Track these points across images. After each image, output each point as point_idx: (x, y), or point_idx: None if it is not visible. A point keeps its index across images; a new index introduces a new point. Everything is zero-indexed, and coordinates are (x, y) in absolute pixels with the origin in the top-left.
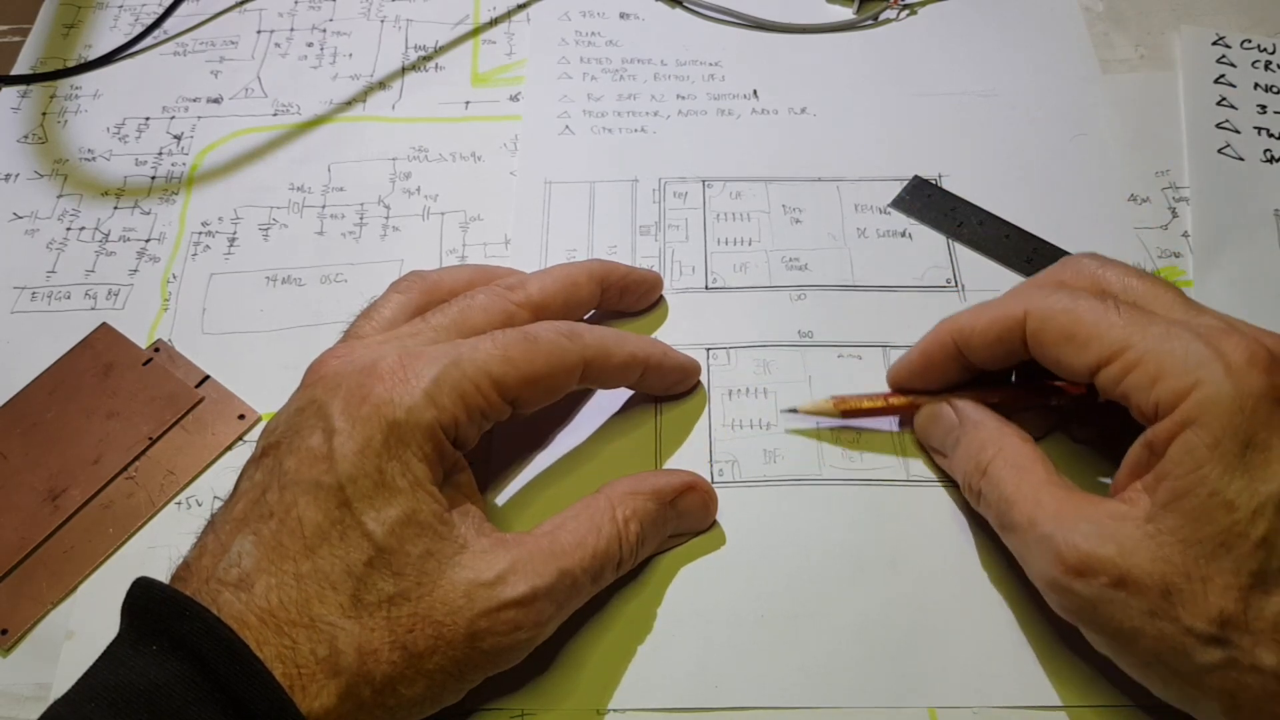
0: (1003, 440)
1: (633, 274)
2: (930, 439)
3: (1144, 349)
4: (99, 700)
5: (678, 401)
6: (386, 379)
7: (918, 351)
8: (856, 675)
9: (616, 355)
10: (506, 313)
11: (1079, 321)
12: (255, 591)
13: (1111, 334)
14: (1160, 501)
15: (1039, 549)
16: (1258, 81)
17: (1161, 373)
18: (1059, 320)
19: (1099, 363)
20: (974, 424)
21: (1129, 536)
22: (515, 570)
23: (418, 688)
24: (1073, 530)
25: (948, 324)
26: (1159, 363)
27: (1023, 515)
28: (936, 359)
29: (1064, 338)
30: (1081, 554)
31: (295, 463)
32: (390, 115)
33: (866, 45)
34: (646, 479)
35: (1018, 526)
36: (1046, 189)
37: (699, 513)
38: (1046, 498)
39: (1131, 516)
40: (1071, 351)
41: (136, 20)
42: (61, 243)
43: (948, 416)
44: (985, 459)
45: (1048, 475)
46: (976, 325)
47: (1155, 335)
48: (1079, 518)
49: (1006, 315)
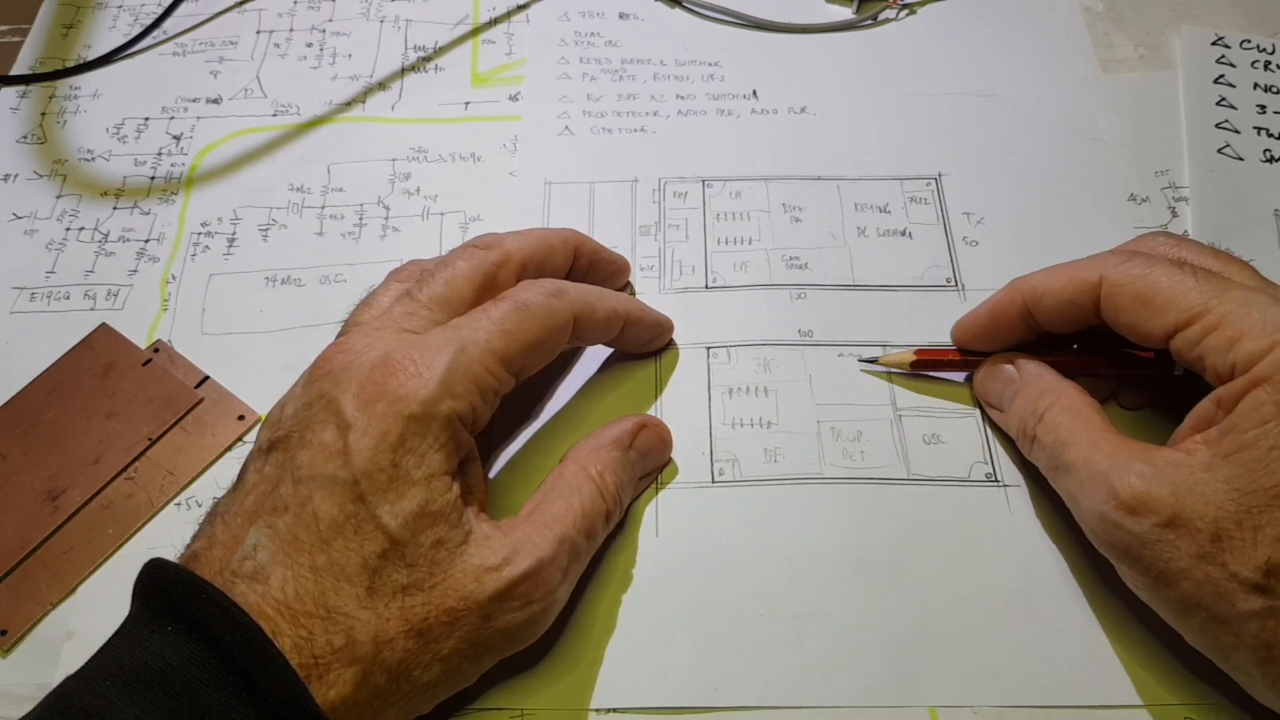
0: (1061, 389)
1: (603, 251)
2: (988, 393)
3: (1223, 312)
4: (114, 679)
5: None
6: (399, 373)
7: (986, 309)
8: (856, 675)
9: (600, 309)
10: (488, 275)
11: (1155, 286)
12: (271, 584)
13: (1189, 298)
14: (1222, 452)
15: (1092, 485)
16: (1257, 81)
17: (1240, 335)
18: (1135, 285)
19: (1176, 326)
20: (1033, 376)
21: (1184, 480)
22: (518, 550)
23: (433, 672)
24: (1128, 469)
25: (1020, 284)
26: (1237, 326)
27: (1078, 455)
28: (1004, 318)
29: (1140, 302)
30: (1136, 491)
31: (309, 457)
32: (390, 116)
33: (866, 45)
34: (602, 433)
35: (1072, 465)
36: (1046, 189)
37: (658, 447)
38: (1103, 440)
39: (1188, 463)
40: (1147, 315)
41: (136, 20)
42: (61, 243)
43: (1008, 371)
44: (1043, 405)
45: (1103, 422)
46: (1051, 286)
47: (1234, 299)
48: (1135, 458)
49: (1081, 279)
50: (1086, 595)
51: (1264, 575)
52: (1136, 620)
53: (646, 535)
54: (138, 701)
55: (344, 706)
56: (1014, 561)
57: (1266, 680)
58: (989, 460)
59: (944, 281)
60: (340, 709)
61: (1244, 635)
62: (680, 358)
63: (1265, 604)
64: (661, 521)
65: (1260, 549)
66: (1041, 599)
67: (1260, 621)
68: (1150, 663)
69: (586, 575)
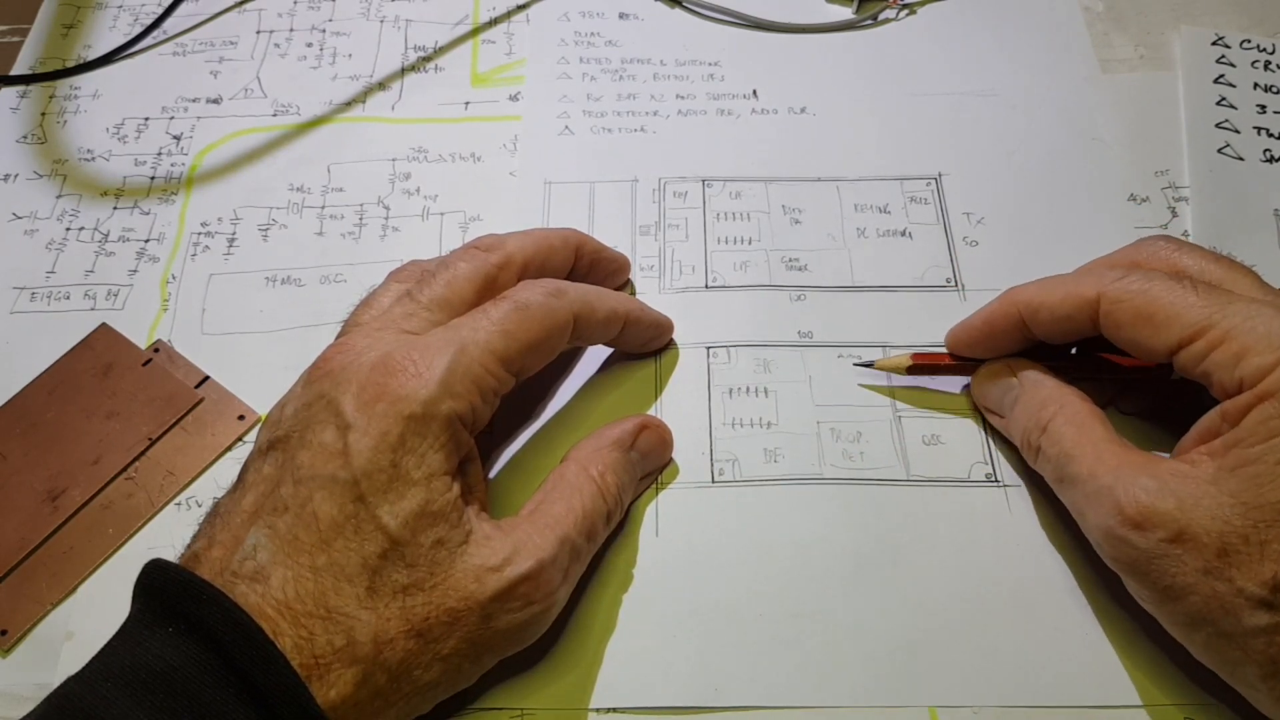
0: (1063, 398)
1: (604, 250)
2: (987, 399)
3: (1228, 327)
4: (115, 680)
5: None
6: (399, 374)
7: (981, 319)
8: (856, 675)
9: (600, 309)
10: (489, 276)
11: (1156, 302)
12: (271, 584)
13: (1191, 313)
14: (1228, 466)
15: (1098, 499)
16: (1257, 81)
17: (1246, 349)
18: (1135, 301)
19: (1180, 342)
20: (1034, 383)
21: (1190, 494)
22: (519, 551)
23: (433, 672)
24: (1133, 483)
25: (1016, 296)
26: (1243, 340)
27: (1083, 468)
28: (999, 328)
29: (1141, 318)
30: (1142, 506)
31: (309, 457)
32: (390, 116)
33: (866, 45)
34: (603, 433)
35: (1078, 479)
36: (1046, 189)
37: (659, 448)
38: (1108, 453)
39: (1194, 476)
40: (1149, 332)
41: (136, 20)
42: (61, 243)
43: (1006, 376)
44: (1046, 416)
45: (1108, 433)
46: (1047, 301)
47: (1238, 313)
48: (1140, 473)
49: (1078, 295)
50: (1086, 595)
51: (1271, 591)
52: (1136, 621)
53: (646, 535)
54: (138, 702)
55: (344, 706)
56: (1014, 562)
57: (1273, 695)
58: (989, 461)
59: (944, 282)
60: (341, 709)
61: (1251, 651)
62: (680, 358)
63: (1272, 620)
64: (661, 521)
65: (1267, 564)
66: (1041, 599)
67: (1267, 637)
68: (1150, 663)
69: (586, 575)
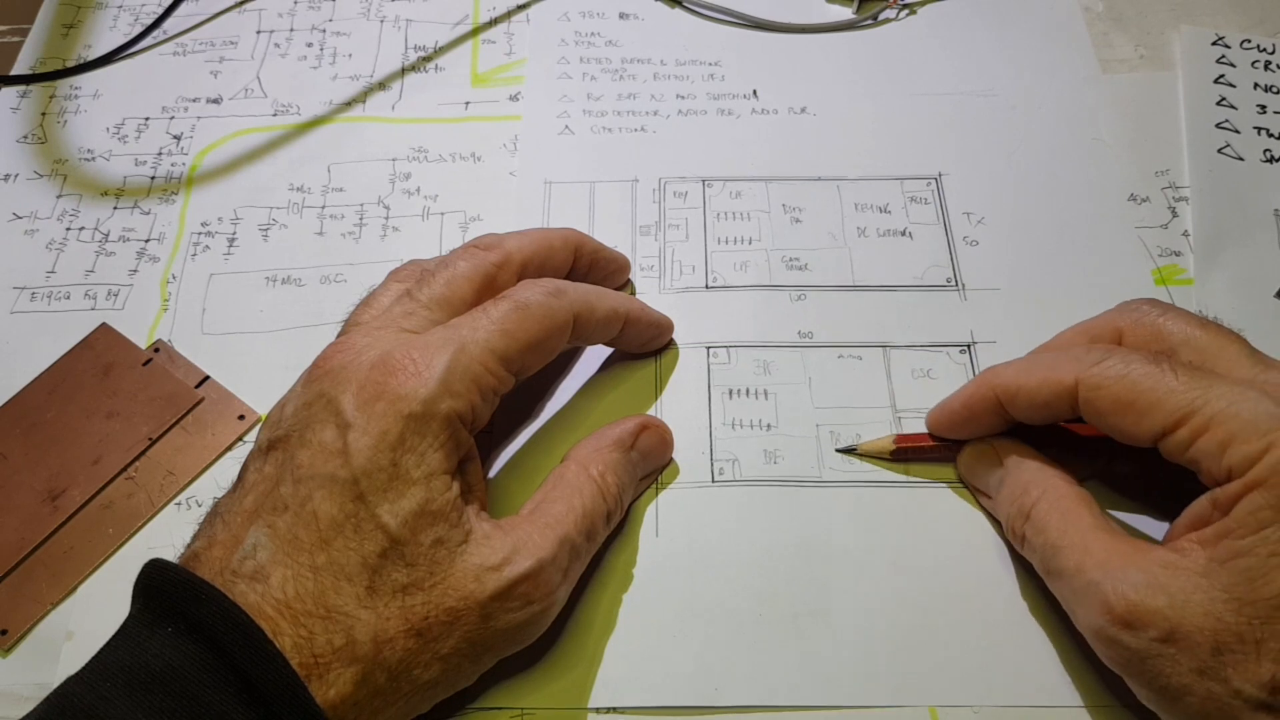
0: (1046, 483)
1: (603, 250)
2: (974, 479)
3: (1210, 413)
4: (115, 680)
5: (677, 394)
6: (398, 373)
7: (959, 401)
8: (856, 675)
9: (600, 309)
10: (488, 276)
11: (1136, 389)
12: (271, 583)
13: (1172, 400)
14: (1219, 558)
15: (1086, 597)
16: (1257, 81)
17: (1232, 437)
18: (1114, 389)
19: (1163, 430)
20: (1016, 465)
21: (1180, 589)
22: (519, 550)
23: (433, 671)
24: (1121, 579)
25: (992, 379)
26: (1228, 427)
27: (1069, 561)
28: (978, 411)
29: (1121, 406)
30: (1130, 604)
31: (309, 456)
32: (390, 115)
33: (866, 45)
34: (604, 433)
35: (1064, 573)
36: (1046, 189)
37: (659, 448)
38: (1094, 544)
39: (1184, 567)
40: (1131, 420)
41: (136, 20)
42: (61, 243)
43: (991, 457)
44: (1029, 502)
45: (1094, 520)
46: (1025, 386)
47: (1221, 398)
48: (1128, 566)
49: (1055, 381)
50: None
51: (1269, 693)
52: None
53: (646, 535)
54: (138, 702)
55: (344, 706)
56: (1014, 562)
57: None
58: None
59: (944, 281)
60: (340, 708)
61: None
62: (680, 358)
63: None
64: (661, 521)
65: (1264, 664)
66: (1042, 599)
67: None
68: None
69: (586, 575)
